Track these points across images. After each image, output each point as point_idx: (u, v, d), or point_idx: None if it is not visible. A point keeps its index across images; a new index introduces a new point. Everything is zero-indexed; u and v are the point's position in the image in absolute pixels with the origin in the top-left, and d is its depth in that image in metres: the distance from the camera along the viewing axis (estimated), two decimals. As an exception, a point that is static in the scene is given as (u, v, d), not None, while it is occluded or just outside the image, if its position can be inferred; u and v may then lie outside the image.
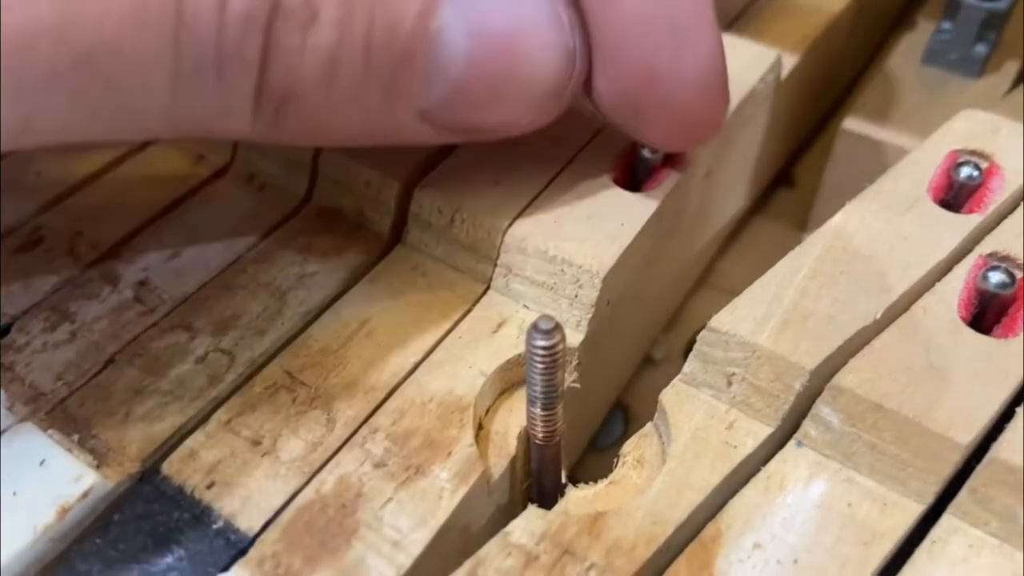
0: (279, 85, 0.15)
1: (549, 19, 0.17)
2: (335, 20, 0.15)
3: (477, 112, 0.18)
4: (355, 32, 0.15)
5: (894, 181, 0.21)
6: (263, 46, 0.15)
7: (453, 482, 0.17)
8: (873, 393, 0.17)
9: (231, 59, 0.15)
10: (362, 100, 0.16)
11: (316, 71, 0.15)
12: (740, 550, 0.16)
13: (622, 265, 0.20)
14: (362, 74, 0.16)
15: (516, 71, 0.17)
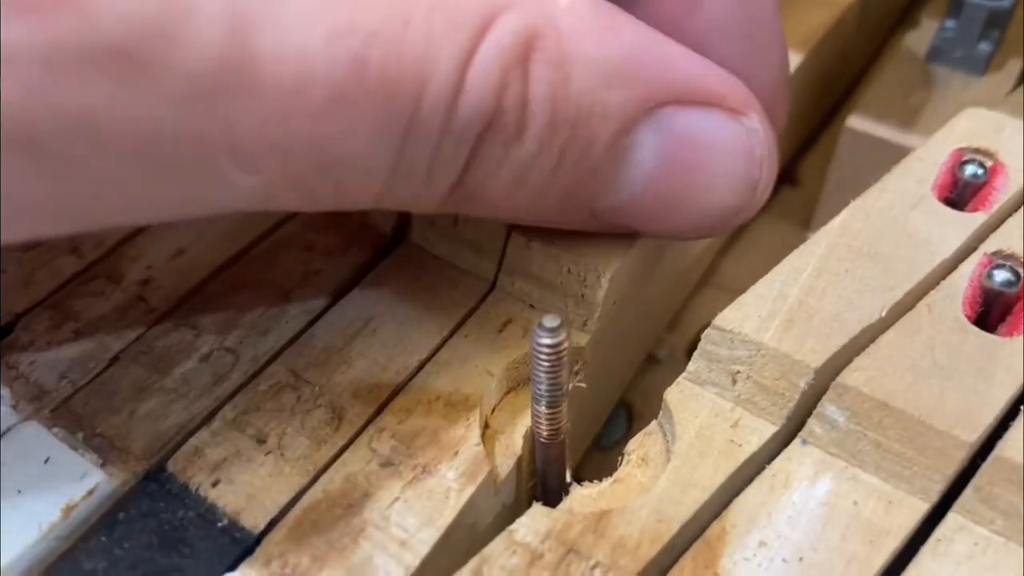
0: (473, 185, 0.16)
1: (741, 152, 0.18)
2: (538, 137, 0.16)
3: (647, 222, 0.18)
4: (553, 148, 0.16)
5: (899, 179, 0.21)
6: (470, 154, 0.16)
7: (460, 481, 0.17)
8: (878, 391, 0.17)
9: (442, 163, 0.15)
10: (541, 200, 0.17)
11: (508, 178, 0.16)
12: (745, 548, 0.16)
13: (628, 265, 0.20)
14: (548, 182, 0.17)
15: (694, 197, 0.18)
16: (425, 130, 0.15)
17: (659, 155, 0.17)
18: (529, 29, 0.15)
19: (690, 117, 0.17)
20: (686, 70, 0.17)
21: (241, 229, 0.22)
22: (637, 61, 0.16)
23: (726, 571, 0.16)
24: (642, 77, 0.16)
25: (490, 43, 0.15)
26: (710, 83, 0.17)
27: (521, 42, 0.15)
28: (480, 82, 0.15)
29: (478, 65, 0.15)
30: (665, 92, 0.17)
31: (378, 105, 0.14)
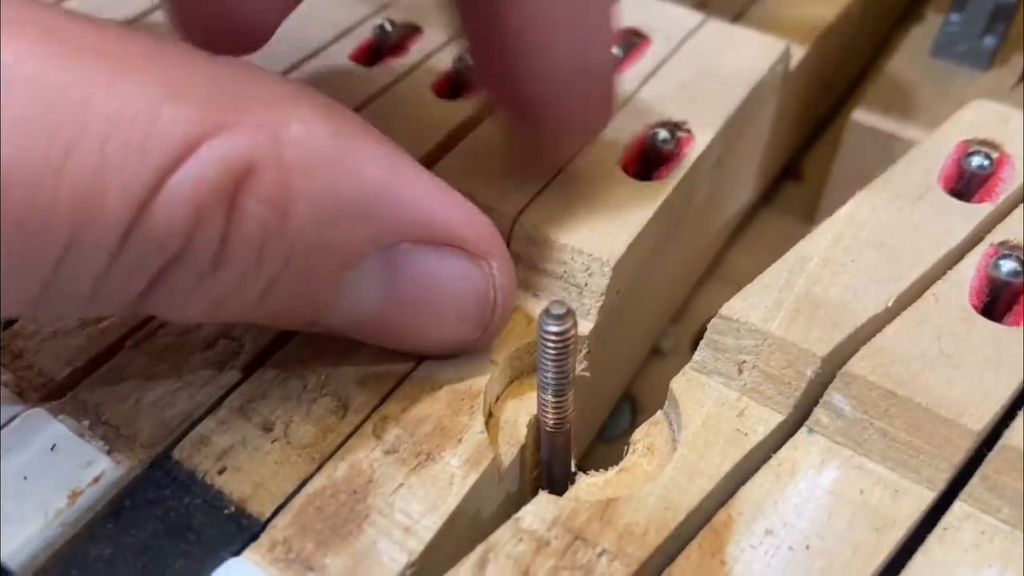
0: (158, 305, 0.15)
1: (474, 294, 0.17)
2: (240, 271, 0.14)
3: (372, 339, 0.18)
4: (259, 280, 0.15)
5: (905, 170, 0.21)
6: (149, 284, 0.14)
7: (464, 468, 0.17)
8: (885, 380, 0.17)
9: (111, 290, 0.14)
10: (248, 315, 0.16)
11: (203, 303, 0.15)
12: (752, 536, 0.16)
13: (632, 254, 0.20)
14: (253, 305, 0.15)
15: (420, 329, 0.18)
16: (85, 264, 0.13)
17: (387, 289, 0.16)
18: (244, 160, 0.13)
19: (424, 257, 0.16)
20: (428, 210, 0.16)
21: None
22: (373, 199, 0.15)
23: (732, 558, 0.16)
24: (376, 215, 0.15)
25: (185, 173, 0.13)
26: (453, 224, 0.16)
27: (228, 174, 0.13)
28: (164, 218, 0.13)
29: (165, 199, 0.13)
30: (400, 231, 0.16)
31: (20, 240, 0.12)
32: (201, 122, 0.13)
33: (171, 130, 0.13)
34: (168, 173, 0.13)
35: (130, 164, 0.13)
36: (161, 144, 0.13)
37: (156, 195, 0.13)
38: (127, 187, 0.13)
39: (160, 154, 0.13)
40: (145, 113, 0.13)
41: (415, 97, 0.24)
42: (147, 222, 0.13)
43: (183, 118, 0.13)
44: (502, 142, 0.22)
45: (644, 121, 0.23)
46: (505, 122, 0.21)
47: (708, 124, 0.22)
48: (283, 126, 0.14)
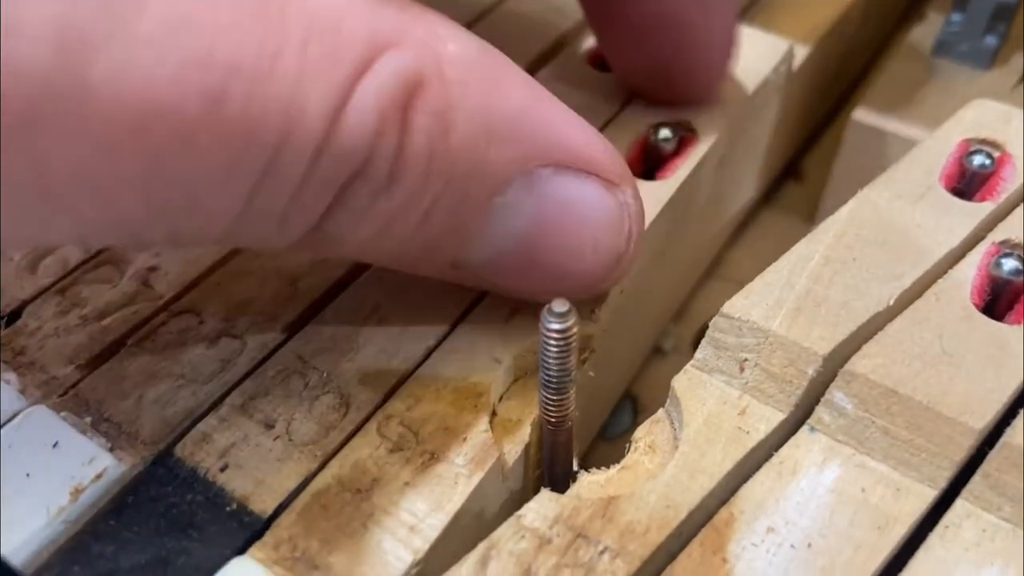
0: (331, 231, 0.15)
1: (612, 223, 0.17)
2: (409, 189, 0.15)
3: (507, 280, 0.18)
4: (423, 201, 0.15)
5: (906, 169, 0.21)
6: (332, 202, 0.14)
7: (469, 467, 0.17)
8: (887, 378, 0.17)
9: (299, 210, 0.14)
10: (402, 249, 0.16)
11: (371, 228, 0.15)
12: (753, 534, 0.16)
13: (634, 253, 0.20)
14: (412, 233, 0.16)
15: (558, 262, 0.17)
16: (285, 176, 0.13)
17: (530, 217, 0.16)
18: (414, 73, 0.14)
19: (566, 183, 0.16)
20: (568, 135, 0.16)
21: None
22: (520, 120, 0.16)
23: (734, 556, 0.16)
24: (523, 137, 0.16)
25: (369, 84, 0.13)
26: (591, 151, 0.17)
27: (404, 86, 0.14)
28: (354, 128, 0.13)
29: (354, 108, 0.13)
30: (545, 154, 0.16)
31: (233, 148, 0.13)
32: (376, 36, 0.14)
33: (355, 41, 0.13)
34: (356, 81, 0.13)
35: (326, 71, 0.13)
36: (350, 54, 0.13)
37: (346, 104, 0.13)
38: (325, 95, 0.13)
39: (350, 64, 0.13)
40: (333, 24, 0.13)
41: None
42: (338, 132, 0.13)
43: (363, 30, 0.13)
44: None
45: (648, 120, 0.23)
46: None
47: (712, 124, 0.23)
48: (442, 43, 0.14)
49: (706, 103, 0.23)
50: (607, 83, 0.24)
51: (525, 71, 0.24)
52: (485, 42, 0.16)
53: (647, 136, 0.22)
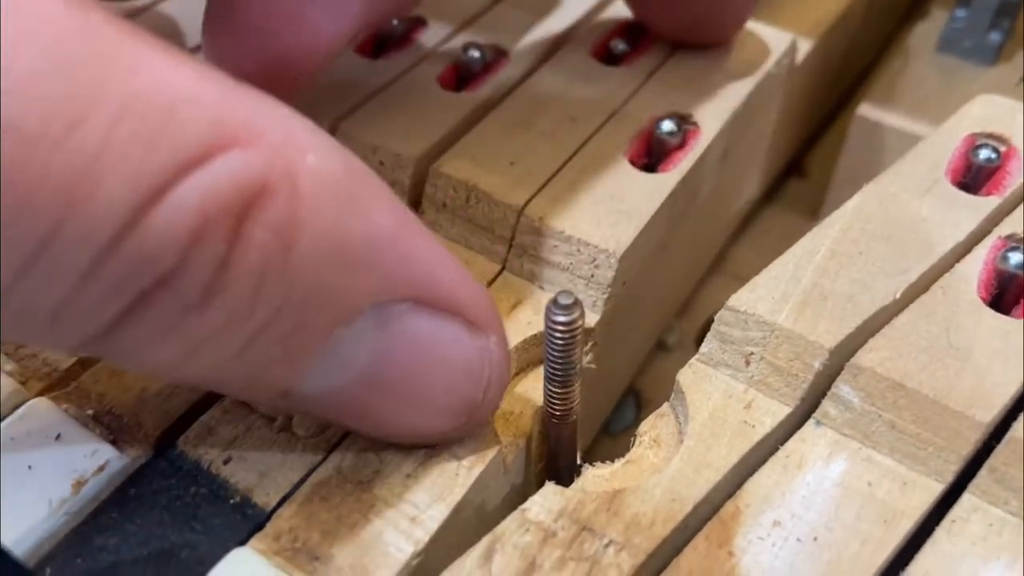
0: (122, 343, 0.13)
1: (468, 371, 0.16)
2: (229, 311, 0.13)
3: (340, 418, 0.16)
4: (246, 326, 0.13)
5: (912, 163, 0.21)
6: (124, 310, 0.12)
7: (470, 460, 0.17)
8: (893, 372, 0.17)
9: (78, 312, 0.12)
10: (216, 373, 0.14)
11: (176, 348, 0.13)
12: (759, 527, 0.16)
13: (638, 246, 0.20)
14: (230, 360, 0.13)
15: (400, 408, 0.16)
16: (61, 264, 0.11)
17: (376, 354, 0.15)
18: (258, 179, 0.12)
19: (422, 321, 0.15)
20: (433, 270, 0.15)
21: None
22: (380, 248, 0.14)
23: (740, 550, 0.16)
24: (380, 266, 0.14)
25: (196, 181, 0.12)
26: (455, 290, 0.15)
27: (241, 192, 0.12)
28: (163, 228, 0.12)
29: (168, 205, 0.12)
30: (403, 288, 0.14)
31: (5, 210, 0.11)
32: (220, 130, 0.12)
33: (188, 131, 0.12)
34: (176, 177, 0.12)
35: (137, 157, 0.11)
36: (174, 144, 0.12)
37: (159, 199, 0.12)
38: (130, 181, 0.11)
39: (171, 154, 0.12)
40: (164, 107, 0.12)
41: (421, 89, 0.24)
42: (143, 228, 0.12)
43: (203, 121, 0.12)
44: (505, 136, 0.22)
45: (651, 114, 0.22)
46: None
47: (715, 117, 0.22)
48: (300, 152, 0.13)
49: (722, 43, 0.24)
50: (611, 77, 0.24)
51: (530, 67, 0.24)
52: (355, 158, 0.14)
53: (650, 130, 0.22)
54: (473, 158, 0.21)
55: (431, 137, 0.22)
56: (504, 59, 0.25)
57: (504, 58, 0.25)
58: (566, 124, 0.22)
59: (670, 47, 0.25)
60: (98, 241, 0.11)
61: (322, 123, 0.22)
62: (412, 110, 0.23)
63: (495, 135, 0.22)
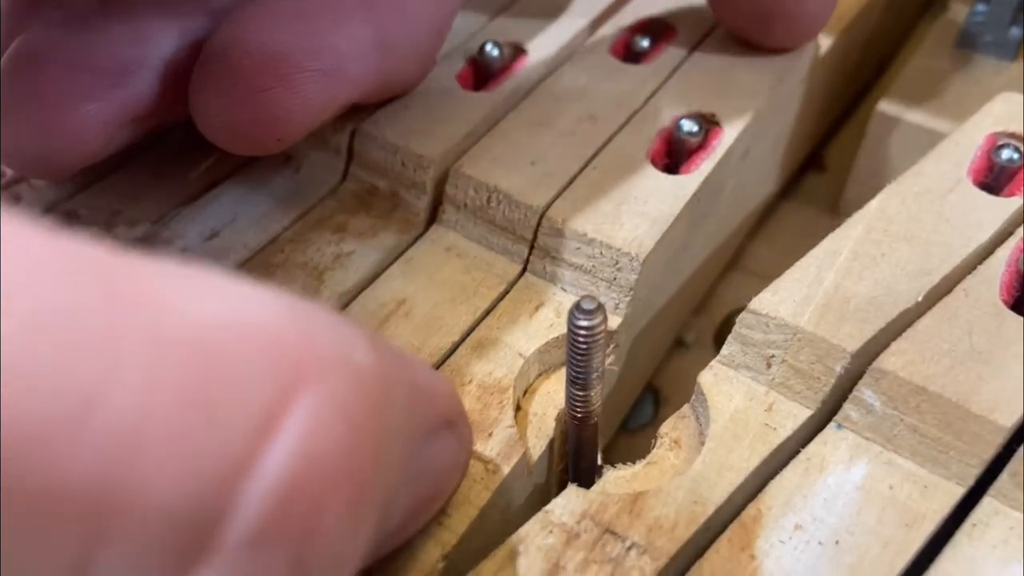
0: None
1: (461, 468, 0.16)
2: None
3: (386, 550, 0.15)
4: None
5: (934, 163, 0.21)
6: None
7: (495, 462, 0.17)
8: (916, 376, 0.17)
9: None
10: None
11: None
12: (781, 531, 0.16)
13: (660, 249, 0.20)
14: None
15: (422, 519, 0.15)
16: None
17: (409, 496, 0.14)
18: (334, 430, 0.10)
19: (431, 445, 0.14)
20: (432, 395, 0.14)
21: (274, 211, 0.22)
22: (408, 414, 0.13)
23: (762, 553, 0.16)
24: (412, 428, 0.13)
25: (283, 445, 0.09)
26: (449, 401, 0.15)
27: (330, 439, 0.10)
28: (256, 522, 0.09)
29: (257, 486, 0.09)
30: (430, 424, 0.14)
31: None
32: (292, 367, 0.09)
33: (259, 376, 0.09)
34: (260, 442, 0.09)
35: (194, 425, 0.08)
36: (245, 398, 0.09)
37: (243, 479, 0.09)
38: (189, 467, 0.08)
39: (244, 414, 0.09)
40: (218, 346, 0.09)
41: (440, 89, 0.24)
42: (227, 549, 0.09)
43: (270, 356, 0.09)
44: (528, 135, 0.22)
45: (672, 114, 0.22)
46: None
47: (737, 116, 0.22)
48: (349, 356, 0.10)
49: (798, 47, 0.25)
50: (631, 75, 0.24)
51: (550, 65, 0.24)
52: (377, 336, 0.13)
53: (672, 129, 0.22)
54: (494, 159, 0.21)
55: (452, 137, 0.22)
56: (523, 57, 0.25)
57: (523, 56, 0.25)
58: (587, 123, 0.23)
59: (692, 43, 0.25)
60: (165, 558, 0.08)
61: (344, 127, 0.22)
62: (432, 110, 0.23)
63: (515, 135, 0.22)
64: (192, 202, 0.22)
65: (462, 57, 0.25)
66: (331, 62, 0.19)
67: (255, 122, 0.19)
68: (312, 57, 0.19)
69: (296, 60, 0.19)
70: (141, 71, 0.19)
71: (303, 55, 0.19)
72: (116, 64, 0.19)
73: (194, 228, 0.22)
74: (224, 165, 0.23)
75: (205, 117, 0.19)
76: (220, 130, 0.19)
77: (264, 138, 0.19)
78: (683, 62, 0.24)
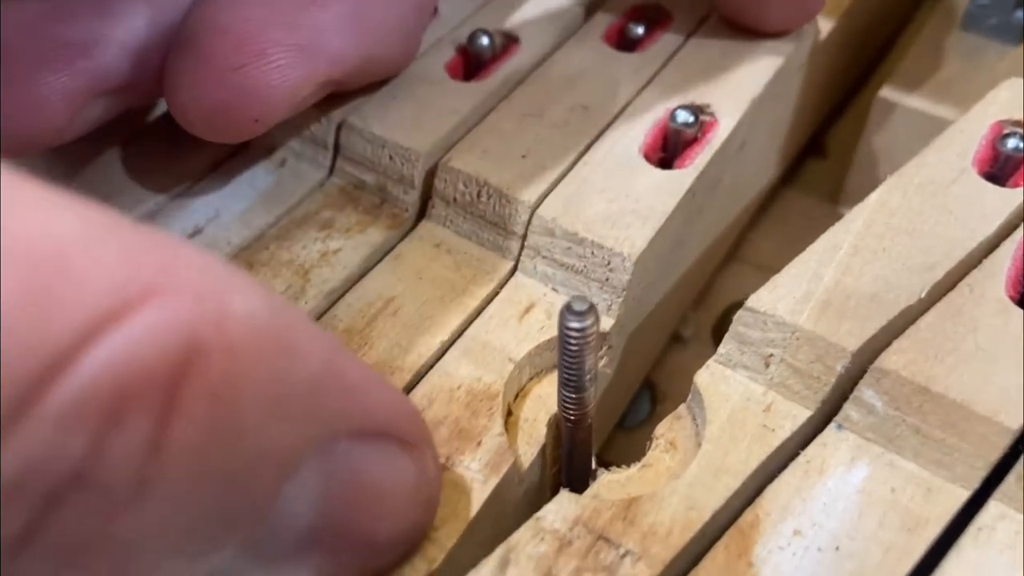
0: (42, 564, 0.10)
1: (410, 492, 0.14)
2: (169, 500, 0.10)
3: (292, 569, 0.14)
4: (187, 511, 0.11)
5: (938, 153, 0.21)
6: (30, 521, 0.09)
7: (484, 472, 0.16)
8: (919, 375, 0.16)
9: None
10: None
11: (110, 550, 0.10)
12: (779, 537, 0.16)
13: (654, 248, 0.19)
14: (174, 537, 0.11)
15: (350, 539, 0.14)
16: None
17: (322, 502, 0.13)
18: (186, 336, 0.10)
19: (362, 452, 0.13)
20: (368, 396, 0.13)
21: (258, 207, 0.21)
22: (317, 391, 0.12)
23: (760, 560, 0.16)
24: (321, 405, 0.12)
25: (106, 349, 0.09)
26: (390, 411, 0.14)
27: (168, 355, 0.10)
28: (66, 411, 0.09)
29: (71, 382, 0.09)
30: (344, 423, 0.13)
31: None
32: (131, 282, 0.10)
33: (90, 284, 0.09)
34: (80, 344, 0.09)
35: (22, 322, 0.09)
36: (73, 302, 0.09)
37: (57, 373, 0.09)
38: (13, 356, 0.09)
39: (69, 316, 0.09)
40: (54, 256, 0.09)
41: (429, 79, 0.23)
42: (37, 414, 0.09)
43: (108, 270, 0.09)
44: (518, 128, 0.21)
45: (666, 104, 0.22)
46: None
47: (733, 106, 0.22)
48: (226, 299, 0.10)
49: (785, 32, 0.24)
50: (626, 64, 0.23)
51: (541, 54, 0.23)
52: (273, 292, 0.13)
53: (666, 122, 0.21)
54: (484, 151, 0.21)
55: (441, 130, 0.21)
56: (514, 46, 0.24)
57: (514, 45, 0.24)
58: (579, 113, 0.22)
59: (688, 30, 0.24)
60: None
61: (330, 119, 0.22)
62: (420, 102, 0.22)
63: (506, 126, 0.22)
64: (175, 197, 0.22)
65: (452, 46, 0.24)
66: (308, 36, 0.18)
67: (231, 103, 0.18)
68: (288, 31, 0.18)
69: (272, 35, 0.18)
70: (108, 44, 0.19)
71: (279, 29, 0.18)
72: (82, 36, 0.18)
73: (177, 224, 0.21)
74: (207, 159, 0.23)
75: (178, 101, 0.19)
76: (195, 114, 0.19)
77: (240, 120, 0.19)
78: (678, 50, 0.24)
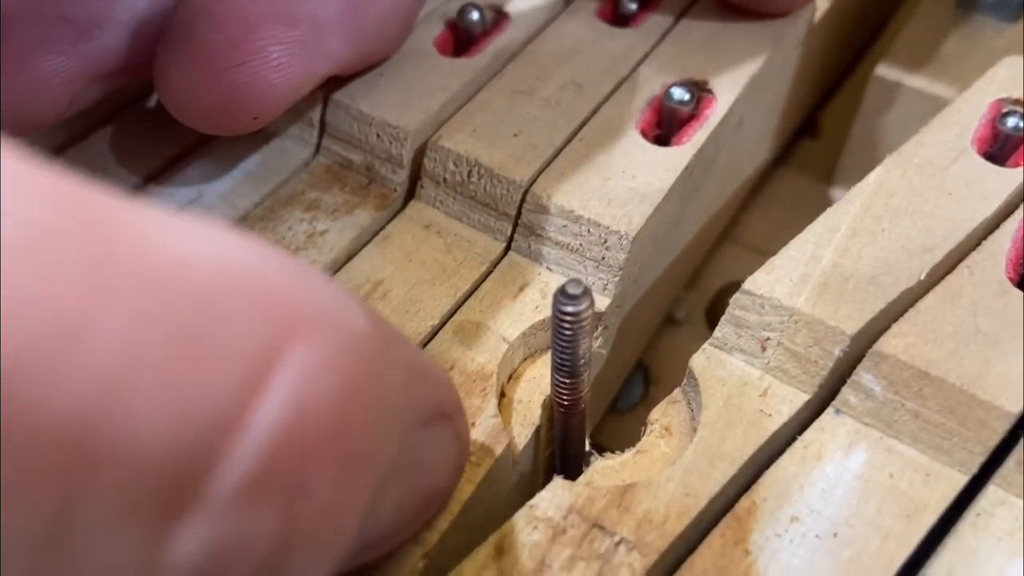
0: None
1: (461, 451, 0.15)
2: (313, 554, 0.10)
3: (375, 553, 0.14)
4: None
5: (937, 132, 0.20)
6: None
7: (478, 455, 0.16)
8: (918, 359, 0.16)
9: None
10: None
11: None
12: (777, 523, 0.16)
13: (651, 226, 0.19)
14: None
15: (419, 517, 0.14)
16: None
17: (403, 490, 0.13)
18: (342, 377, 0.10)
19: (426, 436, 0.13)
20: (427, 383, 0.13)
21: (242, 187, 0.21)
22: (408, 393, 0.12)
23: (757, 547, 0.15)
24: (408, 408, 0.12)
25: (275, 407, 0.09)
26: (449, 390, 0.14)
27: (331, 401, 0.09)
28: (245, 494, 0.09)
29: (249, 440, 0.09)
30: (427, 410, 0.13)
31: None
32: (278, 317, 0.09)
33: (241, 328, 0.09)
34: (247, 404, 0.08)
35: (182, 369, 0.08)
36: (234, 341, 0.09)
37: (235, 432, 0.08)
38: (179, 413, 0.08)
39: (235, 359, 0.08)
40: (202, 295, 0.09)
41: (418, 55, 0.22)
42: (219, 496, 0.08)
43: (256, 307, 0.09)
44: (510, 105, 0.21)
45: (663, 81, 0.21)
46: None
47: (731, 83, 0.21)
48: (351, 318, 0.10)
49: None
50: (619, 39, 0.23)
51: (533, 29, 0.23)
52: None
53: (662, 98, 0.21)
54: (475, 130, 0.20)
55: (430, 107, 0.21)
56: (505, 21, 0.24)
57: (505, 20, 0.24)
58: (572, 91, 0.21)
59: (683, 5, 0.24)
60: (149, 506, 0.08)
61: (315, 97, 0.21)
62: (409, 78, 0.22)
63: (497, 104, 0.21)
64: (155, 178, 0.21)
65: (441, 21, 0.23)
66: (309, 31, 0.18)
67: (229, 101, 0.18)
68: (288, 25, 0.18)
69: (271, 30, 0.17)
70: (109, 25, 0.18)
71: (278, 23, 0.17)
72: (82, 16, 0.18)
73: (159, 205, 0.21)
74: (189, 137, 0.22)
75: (173, 96, 0.18)
76: (190, 109, 0.18)
77: (239, 117, 0.18)
78: (674, 25, 0.23)
